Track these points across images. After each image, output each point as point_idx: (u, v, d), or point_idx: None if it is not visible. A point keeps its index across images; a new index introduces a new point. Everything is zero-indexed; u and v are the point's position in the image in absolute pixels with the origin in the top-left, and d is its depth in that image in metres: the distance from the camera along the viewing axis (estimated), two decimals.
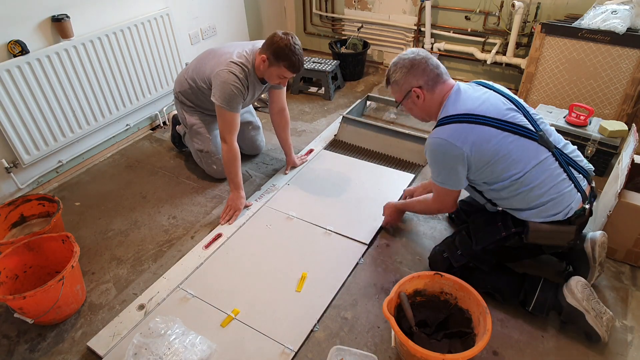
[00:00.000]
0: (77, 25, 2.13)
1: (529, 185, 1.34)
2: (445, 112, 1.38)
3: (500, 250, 1.46)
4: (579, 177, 1.40)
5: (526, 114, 1.39)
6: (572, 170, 1.39)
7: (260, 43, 1.91)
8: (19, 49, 1.93)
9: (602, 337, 1.36)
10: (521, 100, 1.44)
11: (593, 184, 1.46)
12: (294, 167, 2.32)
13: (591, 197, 1.43)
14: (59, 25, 2.05)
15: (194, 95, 2.07)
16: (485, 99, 1.37)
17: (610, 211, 1.62)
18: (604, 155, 2.13)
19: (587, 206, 1.38)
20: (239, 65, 1.87)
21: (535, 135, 1.35)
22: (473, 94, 1.39)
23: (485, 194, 1.48)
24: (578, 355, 1.39)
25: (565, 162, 1.38)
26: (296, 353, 1.41)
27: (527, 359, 1.38)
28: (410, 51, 1.44)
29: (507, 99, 1.41)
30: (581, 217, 1.38)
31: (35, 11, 1.98)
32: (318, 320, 1.52)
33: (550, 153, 1.35)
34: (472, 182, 1.46)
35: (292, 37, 1.79)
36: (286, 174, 2.28)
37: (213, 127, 2.16)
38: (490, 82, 1.49)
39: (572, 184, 1.37)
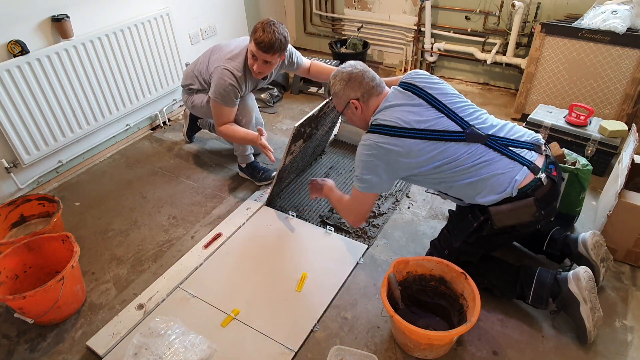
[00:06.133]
0: (77, 25, 2.13)
1: (464, 174, 1.38)
2: (375, 121, 1.47)
3: (481, 241, 1.47)
4: (523, 151, 1.41)
5: (451, 115, 1.42)
6: (512, 149, 1.40)
7: None
8: (19, 49, 1.93)
9: (589, 331, 1.37)
10: (445, 97, 1.46)
11: (547, 152, 1.46)
12: None
13: (548, 164, 1.42)
14: (59, 25, 2.05)
15: (201, 86, 2.11)
16: (410, 111, 1.43)
17: (610, 211, 1.62)
18: (604, 155, 2.13)
19: (541, 175, 1.37)
20: (235, 61, 1.90)
21: (462, 135, 1.39)
22: (401, 107, 1.45)
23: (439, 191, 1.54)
24: (578, 356, 1.39)
25: (503, 145, 1.40)
26: (296, 353, 1.41)
27: (527, 359, 1.39)
28: (349, 64, 1.54)
29: (430, 103, 1.44)
30: (539, 189, 1.36)
31: (35, 11, 1.98)
32: (318, 320, 1.52)
33: (481, 144, 1.39)
34: (416, 183, 1.55)
35: (274, 21, 1.81)
36: None
37: None
38: (418, 81, 1.49)
39: (515, 161, 1.38)
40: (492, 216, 1.38)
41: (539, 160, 1.41)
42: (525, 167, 1.37)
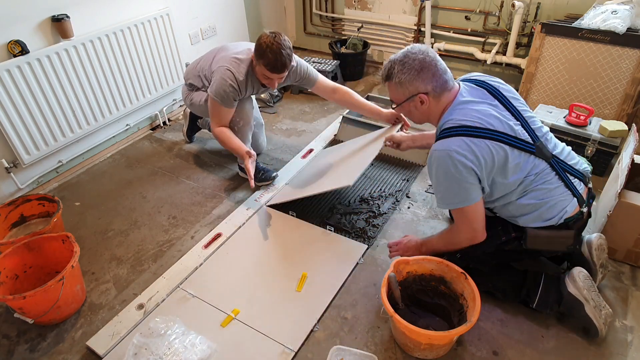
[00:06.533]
0: (77, 25, 2.13)
1: (523, 196, 1.33)
2: (449, 122, 1.30)
3: (500, 254, 1.46)
4: (575, 181, 1.38)
5: (524, 124, 1.33)
6: (569, 175, 1.36)
7: None
8: (19, 49, 1.93)
9: (600, 329, 1.36)
10: (517, 102, 1.37)
11: (590, 185, 1.45)
12: (396, 121, 2.04)
13: (589, 198, 1.42)
14: (59, 25, 2.05)
15: (202, 84, 2.11)
16: (490, 111, 1.30)
17: (610, 211, 1.62)
18: (604, 155, 2.13)
19: (584, 209, 1.37)
20: (239, 63, 1.90)
21: (533, 147, 1.30)
22: (478, 103, 1.32)
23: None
24: (578, 356, 1.39)
25: (562, 169, 1.35)
26: (296, 353, 1.41)
27: (527, 359, 1.39)
28: (419, 49, 1.32)
29: (506, 106, 1.34)
30: (579, 221, 1.37)
31: (35, 11, 1.98)
32: (318, 320, 1.52)
33: (547, 164, 1.33)
34: None
35: (275, 36, 1.79)
36: (406, 131, 2.01)
37: None
38: (489, 80, 1.41)
39: (569, 191, 1.35)
40: (527, 237, 1.35)
41: (584, 193, 1.39)
42: (575, 199, 1.35)
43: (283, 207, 2.05)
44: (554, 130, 2.21)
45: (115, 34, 2.28)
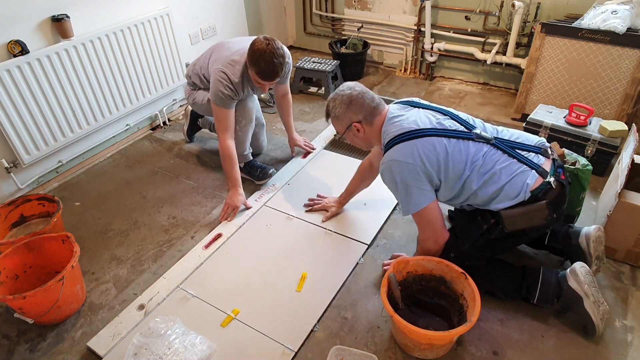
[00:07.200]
0: (77, 25, 2.13)
1: (481, 179, 1.39)
2: (387, 138, 1.46)
3: (489, 244, 1.47)
4: (530, 155, 1.42)
5: (455, 118, 1.47)
6: (519, 151, 1.42)
7: None
8: (19, 49, 1.93)
9: (597, 325, 1.37)
10: (450, 109, 1.52)
11: (554, 156, 1.46)
12: (297, 146, 2.42)
13: (555, 168, 1.42)
14: (59, 25, 2.05)
15: (202, 83, 2.12)
16: (417, 115, 1.46)
17: (610, 211, 1.62)
18: (604, 155, 2.13)
19: (551, 179, 1.37)
20: (234, 65, 1.91)
21: (470, 134, 1.42)
22: (405, 114, 1.48)
23: (454, 204, 1.55)
24: (578, 356, 1.39)
25: (510, 147, 1.42)
26: (296, 353, 1.41)
27: (527, 359, 1.39)
28: (347, 86, 1.52)
29: (435, 110, 1.50)
30: (550, 192, 1.36)
31: (35, 11, 1.98)
32: (318, 320, 1.52)
33: (489, 145, 1.41)
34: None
35: (269, 44, 1.78)
36: (293, 155, 2.44)
37: None
38: (416, 99, 1.57)
39: (523, 165, 1.39)
40: (503, 220, 1.38)
41: (546, 164, 1.41)
42: (534, 170, 1.38)
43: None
44: (554, 130, 2.21)
45: (115, 34, 2.28)
